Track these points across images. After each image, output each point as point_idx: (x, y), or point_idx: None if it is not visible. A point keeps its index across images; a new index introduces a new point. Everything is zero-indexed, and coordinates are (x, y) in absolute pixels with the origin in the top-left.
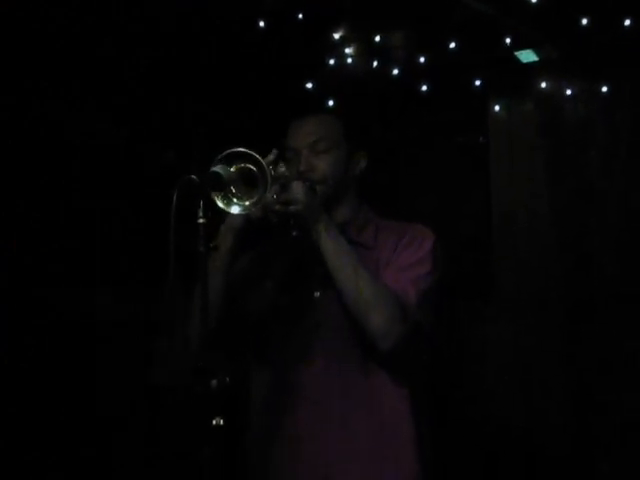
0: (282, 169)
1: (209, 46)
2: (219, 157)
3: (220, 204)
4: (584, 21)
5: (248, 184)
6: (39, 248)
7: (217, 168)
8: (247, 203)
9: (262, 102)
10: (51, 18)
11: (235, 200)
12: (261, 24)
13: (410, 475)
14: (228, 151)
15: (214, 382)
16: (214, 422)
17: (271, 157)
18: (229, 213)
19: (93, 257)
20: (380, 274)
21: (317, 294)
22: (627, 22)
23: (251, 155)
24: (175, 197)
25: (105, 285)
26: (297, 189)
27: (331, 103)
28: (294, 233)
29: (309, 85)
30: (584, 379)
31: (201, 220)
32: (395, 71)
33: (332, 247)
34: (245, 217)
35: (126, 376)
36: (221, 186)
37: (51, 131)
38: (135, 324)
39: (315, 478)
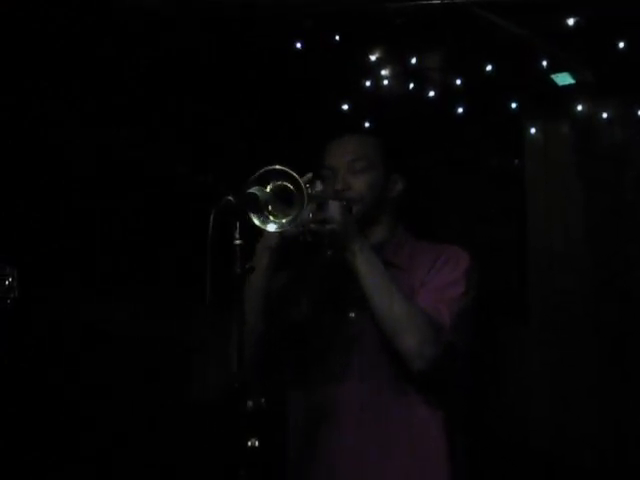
0: (319, 188)
1: (247, 67)
2: (256, 174)
3: (257, 222)
4: (621, 44)
5: (285, 202)
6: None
7: (254, 189)
8: (284, 221)
9: (298, 123)
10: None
11: (271, 218)
12: (298, 45)
13: None
14: (266, 169)
15: (250, 403)
16: (249, 443)
17: (308, 176)
18: (265, 231)
19: (131, 275)
20: (415, 295)
21: (352, 314)
22: None
23: (288, 173)
24: (212, 218)
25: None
26: (333, 208)
27: (367, 125)
28: (329, 252)
29: (345, 107)
30: (621, 407)
31: (238, 242)
32: (431, 93)
33: (366, 267)
34: (281, 235)
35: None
36: (258, 207)
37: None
38: (168, 341)
39: None
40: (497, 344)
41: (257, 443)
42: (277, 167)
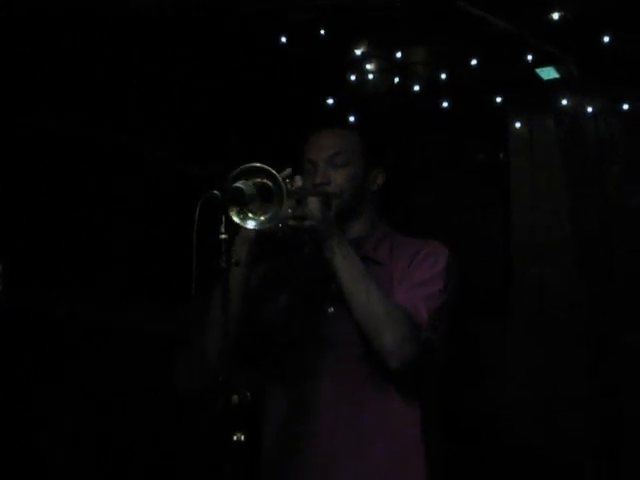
0: (298, 183)
1: (232, 61)
2: (234, 172)
3: (236, 219)
4: (605, 39)
5: (264, 199)
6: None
7: (239, 184)
8: (262, 218)
9: (283, 117)
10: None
11: (251, 215)
12: (283, 40)
13: None
14: (244, 166)
15: (235, 397)
16: (235, 437)
17: (287, 171)
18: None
19: (114, 270)
20: (393, 291)
21: (331, 310)
22: None
23: (267, 170)
24: (197, 213)
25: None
26: (312, 204)
27: (352, 119)
28: (308, 248)
29: (330, 101)
30: (607, 399)
31: (223, 236)
32: (416, 87)
33: (345, 264)
34: (259, 231)
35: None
36: (243, 201)
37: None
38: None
39: None
40: (479, 339)
41: (243, 437)
42: (256, 164)
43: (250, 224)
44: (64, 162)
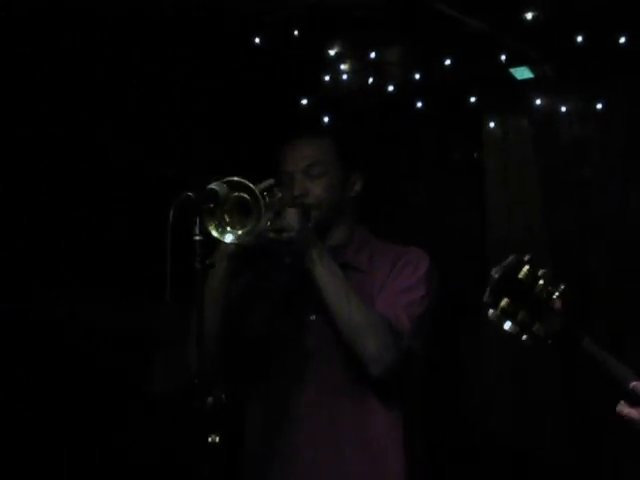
0: (276, 196)
1: (205, 62)
2: (211, 186)
3: (214, 233)
4: (579, 38)
5: (242, 212)
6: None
7: (213, 185)
8: (240, 232)
9: (257, 118)
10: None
11: (229, 229)
12: (257, 40)
13: None
14: (222, 180)
15: (210, 399)
16: (210, 439)
17: (266, 184)
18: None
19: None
20: (374, 298)
21: (312, 317)
22: (622, 39)
23: (244, 184)
24: (172, 214)
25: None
26: (291, 216)
27: (326, 120)
28: (288, 259)
29: (304, 102)
30: (581, 396)
31: (197, 237)
32: (390, 88)
33: (324, 274)
34: (238, 245)
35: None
36: (217, 202)
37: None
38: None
39: None
40: (457, 342)
41: (217, 439)
42: (233, 178)
43: (228, 238)
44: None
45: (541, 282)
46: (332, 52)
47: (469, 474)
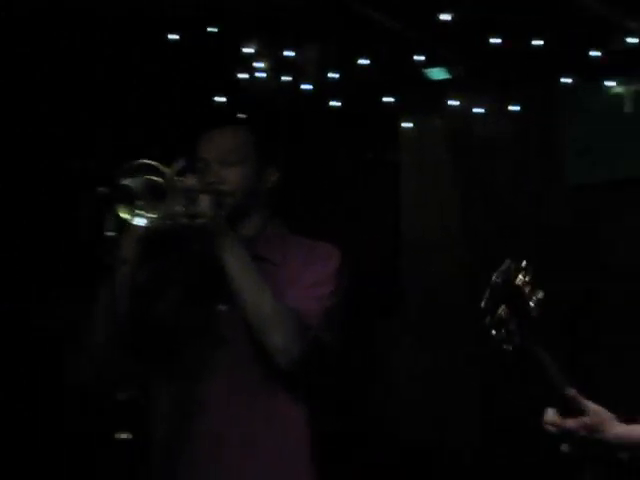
0: (190, 181)
1: (122, 57)
2: (124, 168)
3: (124, 215)
4: (494, 40)
5: (155, 196)
6: None
7: (127, 181)
8: (152, 216)
9: (173, 115)
10: None
11: (140, 212)
12: (173, 37)
13: None
14: (135, 162)
15: (121, 394)
16: (121, 434)
17: (179, 166)
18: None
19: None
20: (284, 291)
21: (222, 308)
22: (536, 42)
23: (158, 168)
24: (84, 209)
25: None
26: (204, 203)
27: (242, 116)
28: (198, 247)
29: (220, 99)
30: (498, 399)
31: (109, 232)
32: (306, 87)
33: (236, 263)
34: (148, 228)
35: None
36: (131, 199)
37: None
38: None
39: None
40: (369, 341)
41: (128, 436)
42: (147, 161)
43: (139, 221)
44: None
45: (527, 289)
46: (248, 50)
47: (377, 470)
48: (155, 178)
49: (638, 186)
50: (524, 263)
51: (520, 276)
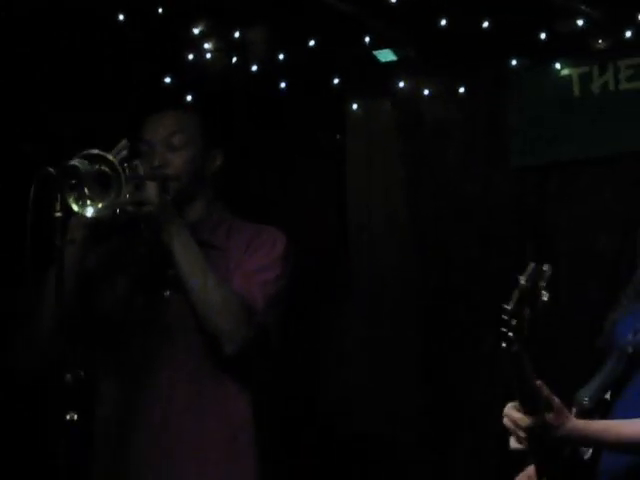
0: (136, 168)
1: (66, 39)
2: (72, 161)
3: (75, 207)
4: (442, 22)
5: (102, 186)
6: None
7: (74, 161)
8: (100, 206)
9: (120, 96)
10: None
11: (89, 202)
12: (120, 17)
13: (249, 470)
14: (82, 153)
15: (68, 376)
16: (68, 416)
17: (123, 154)
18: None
19: None
20: (229, 276)
21: (167, 294)
22: (485, 24)
23: (104, 157)
24: (32, 190)
25: None
26: (150, 190)
27: (189, 99)
28: (145, 233)
29: (167, 80)
30: (442, 384)
31: (58, 213)
32: (254, 68)
33: (182, 249)
34: (97, 217)
35: None
36: (79, 178)
37: None
38: None
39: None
40: (315, 325)
41: (75, 416)
42: (93, 151)
43: (88, 211)
44: None
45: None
46: (196, 30)
47: (322, 459)
48: (103, 167)
49: (584, 167)
50: (546, 267)
51: (543, 279)
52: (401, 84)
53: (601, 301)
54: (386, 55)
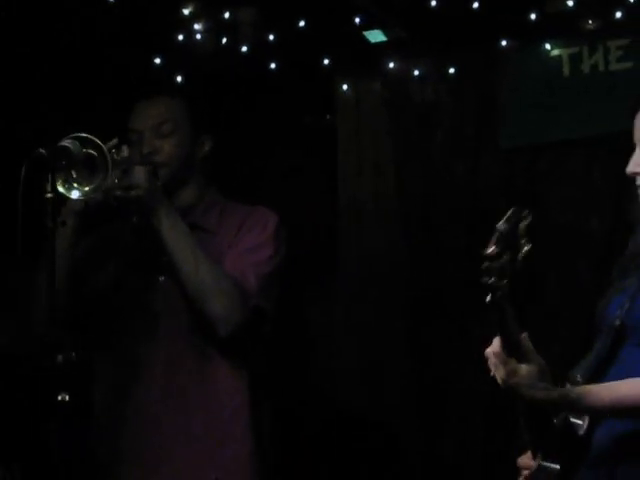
0: (125, 153)
1: (54, 20)
2: (60, 144)
3: (61, 189)
4: (432, 2)
5: (89, 169)
6: None
7: (66, 142)
8: (87, 189)
9: (108, 78)
10: None
11: (75, 185)
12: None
13: (243, 453)
14: (70, 136)
15: (60, 357)
16: (59, 397)
17: (113, 142)
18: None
19: None
20: (222, 258)
21: (161, 279)
22: (475, 5)
23: (92, 140)
24: (24, 171)
25: None
26: (139, 174)
27: (179, 79)
28: (135, 218)
29: (157, 61)
30: (429, 364)
31: (49, 195)
32: (244, 49)
33: (172, 233)
34: (84, 201)
35: None
36: (71, 159)
37: None
38: None
39: (154, 460)
40: (305, 307)
41: (67, 397)
42: (81, 134)
43: (75, 194)
44: None
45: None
46: (186, 11)
47: (314, 437)
48: (90, 151)
49: (574, 148)
50: (526, 211)
51: (522, 224)
52: (391, 65)
53: (591, 282)
54: (376, 36)
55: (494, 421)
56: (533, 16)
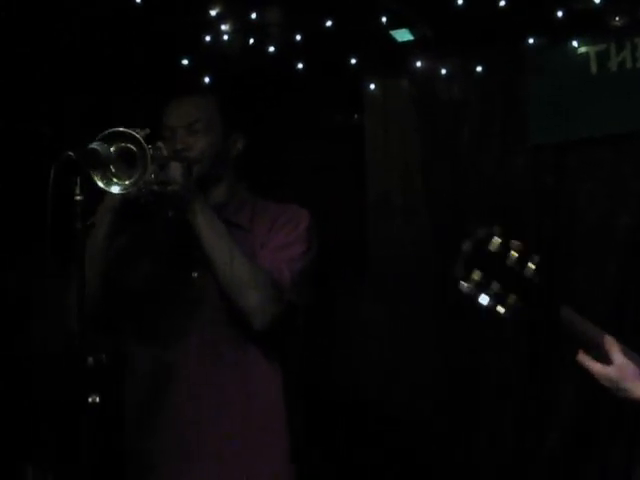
0: (162, 150)
1: (85, 20)
2: (100, 136)
3: (100, 184)
4: (459, 1)
5: (127, 164)
6: None
7: (95, 145)
8: (126, 182)
9: (138, 78)
10: None
11: (115, 180)
12: (138, 0)
13: (280, 445)
14: (109, 130)
15: (90, 359)
16: (90, 399)
17: (146, 131)
18: (107, 193)
19: None
20: (256, 255)
21: (195, 274)
22: (502, 3)
23: (131, 134)
24: (53, 174)
25: None
26: (175, 170)
27: (207, 80)
28: (171, 213)
29: (185, 62)
30: (457, 359)
31: (78, 197)
32: (271, 49)
33: (207, 228)
34: (123, 197)
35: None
36: (99, 163)
37: None
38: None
39: (189, 459)
40: (336, 297)
41: (98, 399)
42: (120, 129)
43: (114, 188)
44: None
45: (513, 254)
46: (213, 12)
47: (345, 429)
48: (128, 145)
49: (602, 145)
50: (497, 230)
51: (496, 242)
52: (418, 64)
53: (619, 278)
54: (403, 35)
55: (524, 416)
56: (560, 14)
